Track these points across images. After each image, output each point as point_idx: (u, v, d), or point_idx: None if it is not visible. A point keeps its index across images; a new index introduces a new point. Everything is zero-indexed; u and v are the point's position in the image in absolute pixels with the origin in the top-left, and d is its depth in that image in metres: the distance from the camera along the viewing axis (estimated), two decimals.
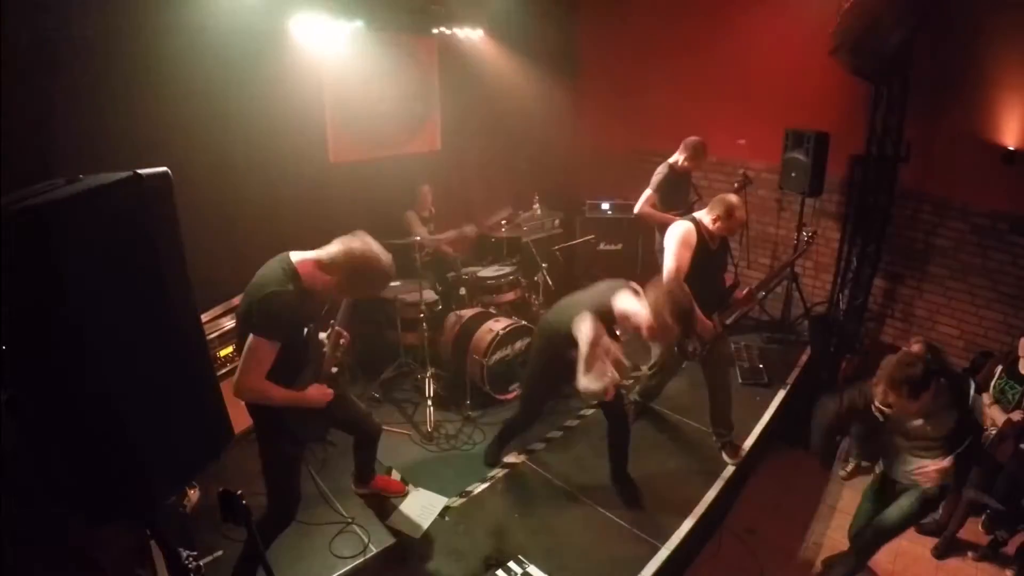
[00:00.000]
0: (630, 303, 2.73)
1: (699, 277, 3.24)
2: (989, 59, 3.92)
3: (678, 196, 4.48)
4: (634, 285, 2.84)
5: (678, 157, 4.39)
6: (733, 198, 3.26)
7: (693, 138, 4.35)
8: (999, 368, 3.37)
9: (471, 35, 5.06)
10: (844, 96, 4.50)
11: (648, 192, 4.41)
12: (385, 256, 2.26)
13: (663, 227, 4.23)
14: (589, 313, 2.71)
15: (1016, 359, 3.30)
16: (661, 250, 3.50)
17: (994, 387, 3.33)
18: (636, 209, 4.47)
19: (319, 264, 2.22)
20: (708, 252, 3.29)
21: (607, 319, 2.74)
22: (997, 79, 3.92)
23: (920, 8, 3.75)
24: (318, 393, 2.35)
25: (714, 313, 3.35)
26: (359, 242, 2.23)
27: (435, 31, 4.93)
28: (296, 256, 2.25)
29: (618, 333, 2.86)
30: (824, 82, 4.52)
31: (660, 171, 4.41)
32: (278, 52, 3.97)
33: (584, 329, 2.68)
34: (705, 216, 3.30)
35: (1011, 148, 3.92)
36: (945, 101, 4.19)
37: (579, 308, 2.76)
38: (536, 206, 5.50)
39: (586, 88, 6.37)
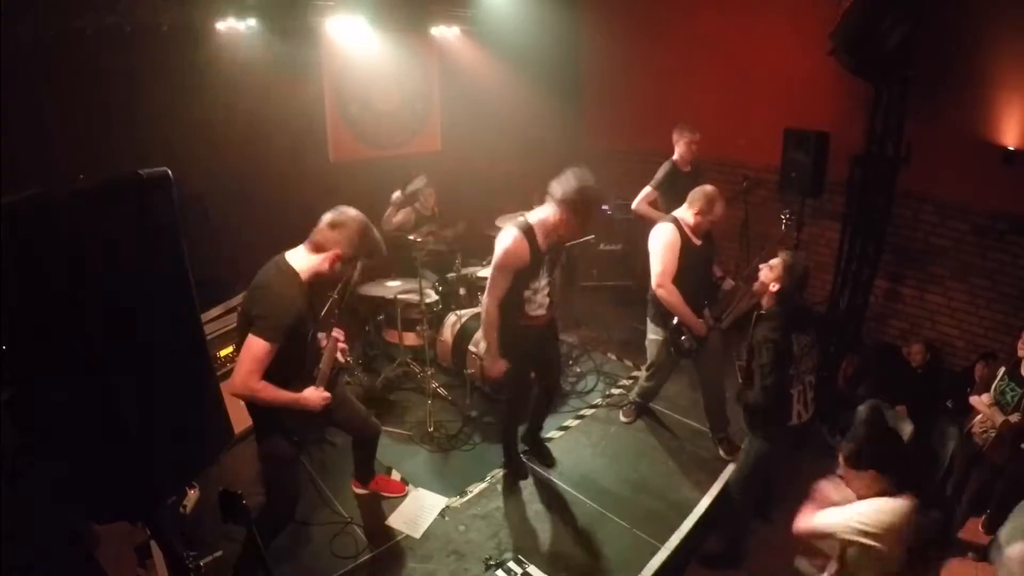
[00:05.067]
0: (541, 210, 2.80)
1: (687, 275, 3.26)
2: (989, 59, 3.92)
3: (681, 197, 4.43)
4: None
5: (676, 151, 4.44)
6: (712, 189, 3.28)
7: (678, 124, 4.42)
8: (1001, 370, 3.36)
9: (472, 35, 5.06)
10: (844, 96, 4.49)
11: (648, 189, 4.42)
12: None
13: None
14: (512, 227, 2.76)
15: (1019, 361, 3.30)
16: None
17: (995, 388, 3.33)
18: (633, 205, 4.49)
19: (315, 247, 2.24)
20: (692, 249, 3.30)
21: (528, 231, 2.76)
22: (997, 79, 3.92)
23: (919, 8, 3.75)
24: (315, 396, 2.34)
25: (704, 308, 3.36)
26: (346, 210, 2.29)
27: (436, 30, 4.93)
28: (290, 255, 2.26)
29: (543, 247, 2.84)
30: (824, 82, 4.52)
31: (662, 168, 4.45)
32: (278, 51, 3.98)
33: (500, 240, 2.74)
34: (685, 212, 3.31)
35: (1011, 148, 3.92)
36: (945, 101, 4.18)
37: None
38: (536, 206, 5.49)
39: (587, 88, 6.37)
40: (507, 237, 2.73)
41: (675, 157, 4.45)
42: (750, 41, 4.94)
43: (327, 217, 2.27)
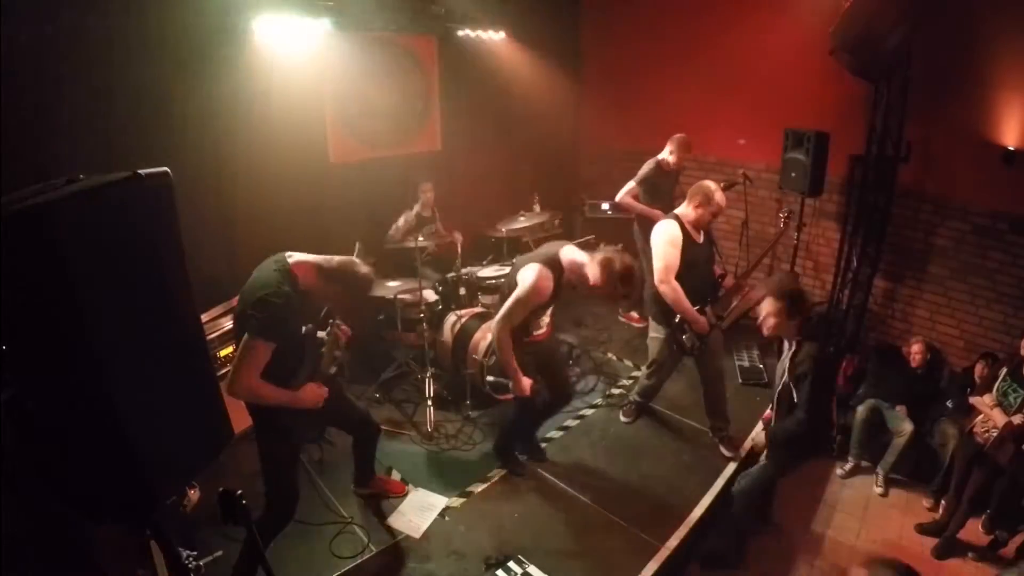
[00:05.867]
0: (577, 253, 2.84)
1: (688, 272, 3.29)
2: (989, 59, 3.92)
3: (660, 194, 4.60)
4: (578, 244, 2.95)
5: (665, 154, 4.52)
6: (710, 183, 3.33)
7: (678, 134, 4.52)
8: (1003, 371, 3.36)
9: (471, 35, 5.06)
10: (844, 96, 4.49)
11: (631, 184, 4.59)
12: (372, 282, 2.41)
13: (641, 219, 4.54)
14: (537, 263, 2.79)
15: (1021, 361, 3.29)
16: (644, 246, 3.55)
17: (997, 389, 3.32)
18: (617, 197, 4.66)
19: (319, 270, 2.24)
20: (694, 246, 3.34)
21: (555, 268, 2.80)
22: (997, 79, 3.91)
23: (919, 8, 3.74)
24: (312, 393, 2.35)
25: (706, 305, 3.38)
26: (362, 265, 2.34)
27: (436, 31, 4.93)
28: (293, 258, 2.26)
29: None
30: (824, 82, 4.52)
31: (646, 165, 4.57)
32: (279, 52, 3.97)
33: (528, 275, 2.76)
34: (685, 208, 3.36)
35: (1011, 148, 3.92)
36: (945, 101, 4.19)
37: (525, 262, 2.87)
38: (536, 206, 5.51)
39: (587, 88, 6.37)
40: (534, 273, 2.78)
41: (660, 158, 4.55)
42: (750, 41, 4.94)
43: (346, 260, 2.31)
